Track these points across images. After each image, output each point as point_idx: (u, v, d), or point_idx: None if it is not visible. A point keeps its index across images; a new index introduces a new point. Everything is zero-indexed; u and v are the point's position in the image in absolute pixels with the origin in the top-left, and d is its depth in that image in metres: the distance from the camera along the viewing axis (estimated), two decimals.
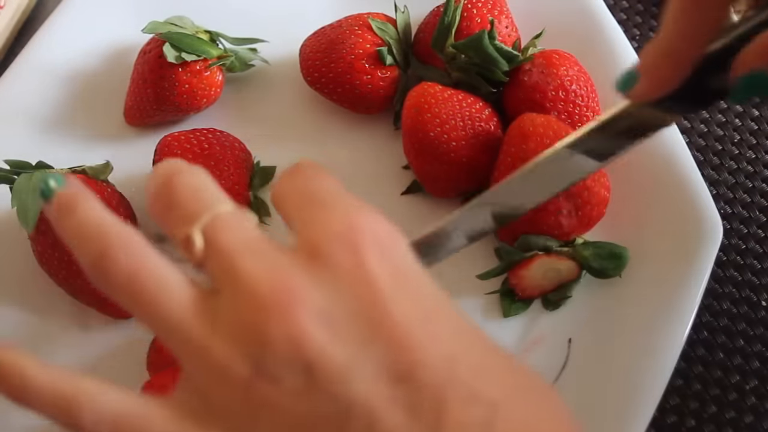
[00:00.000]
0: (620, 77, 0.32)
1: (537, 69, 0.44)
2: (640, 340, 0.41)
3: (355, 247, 0.25)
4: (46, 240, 0.42)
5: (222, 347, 0.25)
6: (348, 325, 0.24)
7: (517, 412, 0.25)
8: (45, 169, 0.42)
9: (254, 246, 0.26)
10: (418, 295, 0.26)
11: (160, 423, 0.25)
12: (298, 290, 0.24)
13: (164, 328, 0.26)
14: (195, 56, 0.45)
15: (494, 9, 0.45)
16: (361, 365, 0.24)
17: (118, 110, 0.49)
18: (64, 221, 0.28)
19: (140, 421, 0.25)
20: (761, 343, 0.44)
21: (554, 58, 0.44)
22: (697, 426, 0.43)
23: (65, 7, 0.49)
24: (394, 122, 0.48)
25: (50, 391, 0.26)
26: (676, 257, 0.42)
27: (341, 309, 0.25)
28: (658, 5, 0.53)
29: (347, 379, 0.24)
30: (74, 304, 0.44)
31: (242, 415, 0.25)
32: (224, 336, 0.25)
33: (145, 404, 0.26)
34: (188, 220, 0.26)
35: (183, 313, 0.25)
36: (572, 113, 0.44)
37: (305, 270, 0.25)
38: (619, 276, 0.43)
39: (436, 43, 0.45)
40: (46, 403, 0.26)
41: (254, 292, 0.25)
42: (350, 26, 0.45)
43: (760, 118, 0.49)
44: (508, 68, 0.44)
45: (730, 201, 0.47)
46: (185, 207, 0.27)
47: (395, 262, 0.26)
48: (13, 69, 0.48)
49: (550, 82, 0.43)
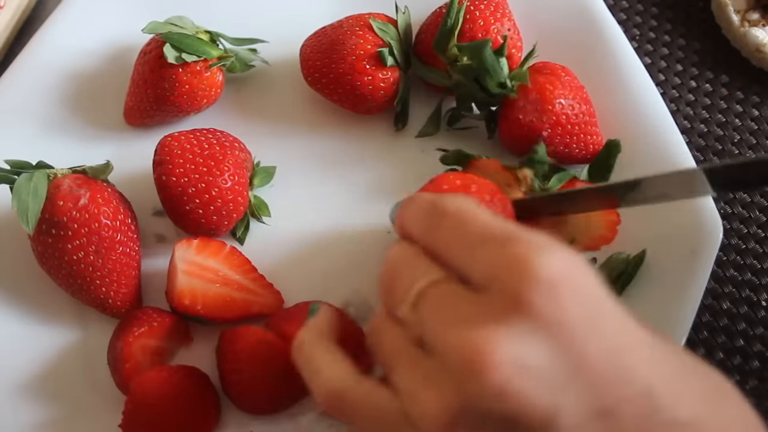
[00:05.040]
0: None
1: (531, 106, 0.43)
2: None
3: (554, 295, 0.26)
4: (46, 240, 0.42)
5: (431, 396, 0.27)
6: (547, 371, 0.25)
7: (716, 424, 0.26)
8: (45, 169, 0.42)
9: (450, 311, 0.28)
10: (612, 330, 0.26)
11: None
12: (496, 346, 0.25)
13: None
14: (195, 57, 0.45)
15: (497, 12, 0.45)
16: (563, 408, 0.25)
17: (118, 110, 0.49)
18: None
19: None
20: (761, 343, 0.44)
21: (547, 91, 0.43)
22: None
23: (65, 7, 0.49)
24: (395, 123, 0.48)
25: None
26: (677, 257, 0.42)
27: (541, 357, 0.25)
28: (658, 5, 0.53)
29: (551, 422, 0.25)
30: (74, 304, 0.44)
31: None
32: (436, 388, 0.27)
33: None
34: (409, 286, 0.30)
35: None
36: (569, 143, 0.44)
37: (502, 323, 0.26)
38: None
39: (438, 44, 0.45)
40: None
41: (464, 355, 0.26)
42: (351, 27, 0.45)
43: (760, 118, 0.49)
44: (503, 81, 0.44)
45: (730, 201, 0.47)
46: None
47: (590, 302, 0.26)
48: (13, 69, 0.48)
49: (545, 120, 0.43)
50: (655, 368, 0.27)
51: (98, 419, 0.42)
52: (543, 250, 0.27)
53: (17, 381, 0.43)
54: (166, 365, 0.42)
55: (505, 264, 0.27)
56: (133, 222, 0.44)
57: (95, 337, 0.44)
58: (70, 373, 0.43)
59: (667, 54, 0.51)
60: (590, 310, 0.26)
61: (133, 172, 0.46)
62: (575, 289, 0.26)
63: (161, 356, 0.42)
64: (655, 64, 0.51)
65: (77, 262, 0.42)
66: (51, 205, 0.41)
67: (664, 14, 0.52)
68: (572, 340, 0.26)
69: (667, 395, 0.26)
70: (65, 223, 0.41)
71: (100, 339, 0.43)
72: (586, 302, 0.26)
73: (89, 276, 0.42)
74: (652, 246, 0.43)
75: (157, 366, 0.41)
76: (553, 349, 0.25)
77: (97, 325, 0.44)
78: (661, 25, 0.52)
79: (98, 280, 0.42)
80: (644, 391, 0.26)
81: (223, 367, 0.41)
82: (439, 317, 0.28)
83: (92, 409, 0.42)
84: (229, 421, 0.42)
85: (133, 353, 0.41)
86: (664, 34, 0.52)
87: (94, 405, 0.42)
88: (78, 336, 0.44)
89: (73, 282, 0.42)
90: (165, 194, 0.43)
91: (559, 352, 0.25)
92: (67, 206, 0.41)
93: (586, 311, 0.26)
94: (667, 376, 0.27)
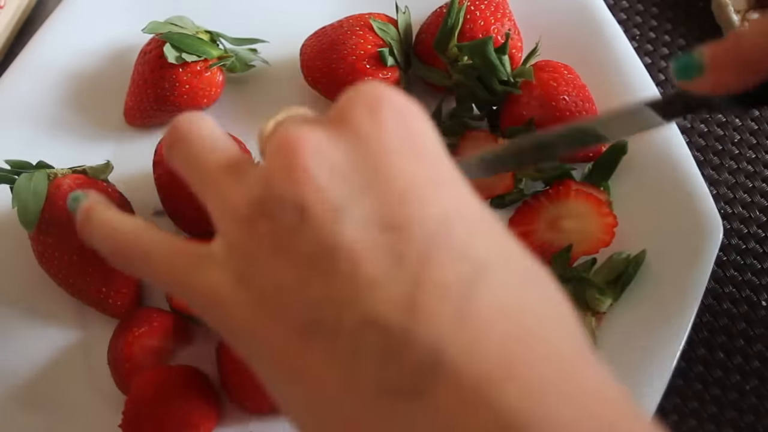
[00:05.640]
0: (680, 63, 0.33)
1: (536, 102, 0.44)
2: (640, 340, 0.41)
3: (375, 109, 0.27)
4: (46, 240, 0.42)
5: (240, 192, 0.27)
6: (350, 174, 0.26)
7: (503, 278, 0.25)
8: (45, 169, 0.42)
9: (299, 119, 0.29)
10: (427, 160, 0.27)
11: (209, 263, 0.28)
12: (309, 138, 0.26)
13: (199, 178, 0.29)
14: (195, 57, 0.45)
15: (497, 12, 0.45)
16: (352, 210, 0.25)
17: (118, 110, 0.49)
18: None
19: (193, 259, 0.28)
20: (761, 343, 0.44)
21: (551, 87, 0.44)
22: (697, 426, 0.43)
23: (65, 7, 0.49)
24: None
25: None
26: (677, 257, 0.42)
27: (348, 161, 0.26)
28: (658, 5, 0.53)
29: (335, 221, 0.25)
30: (74, 304, 0.44)
31: (247, 256, 0.26)
32: (244, 184, 0.27)
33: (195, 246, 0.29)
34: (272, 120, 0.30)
35: (217, 163, 0.29)
36: None
37: (326, 128, 0.27)
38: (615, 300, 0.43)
39: (438, 44, 0.45)
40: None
41: (277, 143, 0.27)
42: (351, 27, 0.45)
43: (760, 118, 0.49)
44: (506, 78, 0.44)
45: (730, 201, 0.47)
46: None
47: (411, 130, 0.27)
48: (13, 69, 0.48)
49: (549, 116, 0.43)
50: (460, 205, 0.26)
51: (98, 419, 0.42)
52: (380, 85, 0.28)
53: (17, 381, 0.43)
54: (166, 365, 0.42)
55: (350, 94, 0.28)
56: None
57: (95, 337, 0.44)
58: (70, 373, 0.43)
59: (667, 54, 0.51)
60: (409, 138, 0.27)
61: (133, 172, 0.46)
62: (401, 117, 0.27)
63: (161, 356, 0.42)
64: (655, 64, 0.51)
65: (77, 262, 0.42)
66: (51, 205, 0.41)
67: (664, 14, 0.52)
68: (380, 157, 0.26)
69: (464, 233, 0.25)
70: (65, 223, 0.41)
71: (100, 339, 0.43)
72: (408, 131, 0.27)
73: (89, 276, 0.42)
74: (652, 246, 0.43)
75: (158, 366, 0.41)
76: (359, 157, 0.26)
77: (97, 325, 0.44)
78: (661, 25, 0.52)
79: (98, 280, 0.42)
80: (440, 218, 0.25)
81: (223, 368, 0.41)
82: (289, 122, 0.29)
83: (92, 409, 0.42)
84: (229, 421, 0.42)
85: (133, 353, 0.41)
86: (664, 34, 0.52)
87: (94, 405, 0.42)
88: (78, 336, 0.44)
89: (73, 282, 0.42)
90: (165, 194, 0.43)
91: (364, 161, 0.26)
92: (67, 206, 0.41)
93: (405, 137, 0.27)
94: (473, 220, 0.26)
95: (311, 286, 0.25)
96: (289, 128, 0.27)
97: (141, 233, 0.31)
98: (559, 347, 0.24)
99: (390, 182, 0.26)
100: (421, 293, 0.24)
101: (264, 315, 0.26)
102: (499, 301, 0.24)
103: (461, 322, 0.23)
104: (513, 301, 0.24)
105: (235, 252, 0.27)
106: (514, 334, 0.24)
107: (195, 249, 0.29)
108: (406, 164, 0.26)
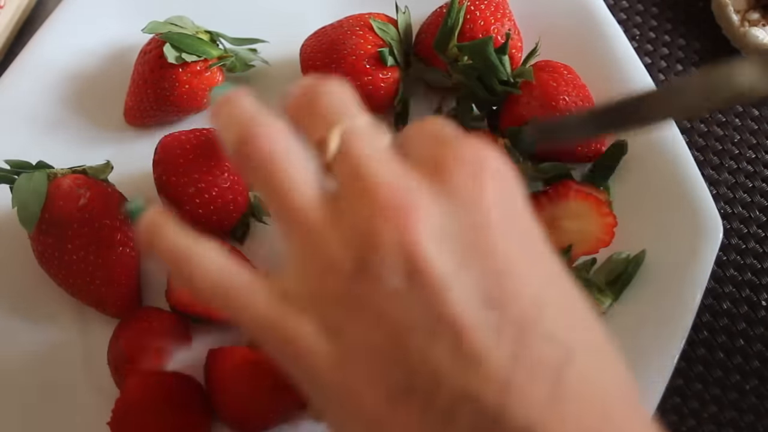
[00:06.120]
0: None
1: (536, 102, 0.44)
2: (640, 340, 0.41)
3: (479, 175, 0.26)
4: (46, 240, 0.42)
5: (337, 242, 0.26)
6: (456, 244, 0.25)
7: (588, 365, 0.26)
8: (45, 169, 0.42)
9: (383, 156, 0.27)
10: (524, 237, 0.27)
11: (263, 302, 0.27)
12: (418, 201, 0.26)
13: (287, 216, 0.27)
14: (195, 57, 0.45)
15: (497, 12, 0.45)
16: (460, 283, 0.25)
17: (118, 110, 0.49)
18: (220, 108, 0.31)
19: (244, 293, 0.27)
20: (761, 343, 0.44)
21: (551, 87, 0.44)
22: (697, 426, 0.43)
23: (65, 7, 0.49)
24: (395, 123, 0.48)
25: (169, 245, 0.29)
26: (677, 257, 0.42)
27: (453, 228, 0.26)
28: (658, 5, 0.53)
29: (445, 290, 0.25)
30: (74, 304, 0.44)
31: (339, 308, 0.26)
32: (341, 233, 0.26)
33: (250, 280, 0.28)
34: (328, 124, 0.28)
35: (309, 203, 0.27)
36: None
37: (427, 184, 0.26)
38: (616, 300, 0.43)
39: (438, 44, 0.45)
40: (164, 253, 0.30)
41: (376, 196, 0.26)
42: (351, 27, 0.45)
43: (760, 118, 0.49)
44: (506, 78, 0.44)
45: (730, 201, 0.47)
46: (327, 113, 0.29)
47: (511, 202, 0.27)
48: (13, 69, 0.48)
49: (550, 116, 0.43)
50: (553, 288, 0.27)
51: (98, 419, 0.42)
52: (483, 146, 0.27)
53: (17, 381, 0.43)
54: (159, 370, 0.42)
55: (441, 146, 0.27)
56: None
57: (95, 337, 0.44)
58: (70, 373, 0.43)
59: (667, 54, 0.51)
60: (510, 211, 0.27)
61: (133, 172, 0.46)
62: (502, 187, 0.27)
63: (161, 356, 0.42)
64: (655, 64, 0.51)
65: (77, 262, 0.42)
66: (51, 205, 0.41)
67: (664, 14, 0.52)
68: (485, 228, 0.26)
69: (556, 316, 0.26)
70: (65, 223, 0.41)
71: (100, 339, 0.43)
72: (508, 202, 0.27)
73: (89, 276, 0.42)
74: (652, 246, 0.43)
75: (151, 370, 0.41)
76: (462, 227, 0.26)
77: (97, 325, 0.44)
78: (661, 25, 0.52)
79: (98, 280, 0.42)
80: (534, 297, 0.25)
81: (210, 387, 0.41)
82: (370, 152, 0.27)
83: (92, 409, 0.42)
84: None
85: (133, 353, 0.41)
86: (664, 34, 0.52)
87: (94, 405, 0.42)
88: (78, 336, 0.44)
89: (73, 282, 0.42)
90: (165, 194, 0.43)
91: (467, 231, 0.26)
92: (67, 206, 0.41)
93: (505, 210, 0.26)
94: (564, 304, 0.27)
95: (409, 351, 0.25)
96: (387, 182, 0.26)
97: (222, 275, 0.28)
98: (631, 426, 0.26)
99: (490, 257, 0.26)
100: (517, 373, 0.24)
101: (350, 371, 0.26)
102: (584, 383, 0.25)
103: (553, 403, 0.24)
104: (595, 382, 0.26)
105: (324, 301, 0.26)
106: (596, 415, 0.25)
107: (269, 285, 0.28)
108: (505, 239, 0.26)
